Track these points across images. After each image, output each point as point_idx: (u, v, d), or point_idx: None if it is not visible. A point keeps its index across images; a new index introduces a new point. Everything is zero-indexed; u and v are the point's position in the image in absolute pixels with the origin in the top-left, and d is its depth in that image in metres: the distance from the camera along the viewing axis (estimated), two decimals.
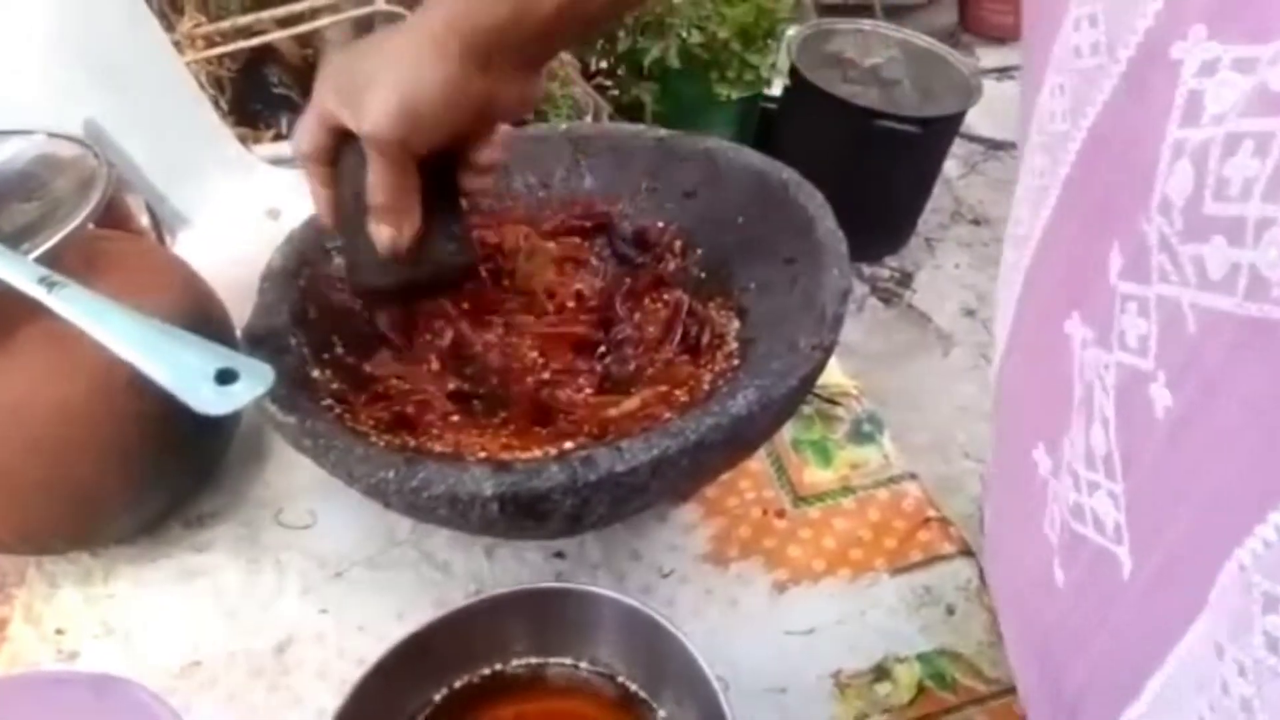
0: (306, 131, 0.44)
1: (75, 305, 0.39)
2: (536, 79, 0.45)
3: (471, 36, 0.41)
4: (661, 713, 0.39)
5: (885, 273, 2.14)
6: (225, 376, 0.37)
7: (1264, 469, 0.23)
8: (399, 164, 0.43)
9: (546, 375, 0.51)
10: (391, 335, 0.52)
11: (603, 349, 0.53)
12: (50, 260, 0.41)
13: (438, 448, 0.46)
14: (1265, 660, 0.23)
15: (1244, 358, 0.23)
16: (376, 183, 0.43)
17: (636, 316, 0.54)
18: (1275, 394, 0.22)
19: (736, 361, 0.50)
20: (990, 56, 2.83)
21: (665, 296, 0.55)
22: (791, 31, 1.99)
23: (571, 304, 0.56)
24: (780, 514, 0.55)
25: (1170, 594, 0.27)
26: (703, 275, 0.57)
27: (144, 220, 0.75)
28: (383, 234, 0.45)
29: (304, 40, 1.51)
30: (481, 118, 0.44)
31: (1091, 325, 0.31)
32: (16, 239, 0.43)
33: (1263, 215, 0.22)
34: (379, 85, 0.41)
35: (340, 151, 0.44)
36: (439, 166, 0.45)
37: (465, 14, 0.41)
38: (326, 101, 0.43)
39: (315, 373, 0.49)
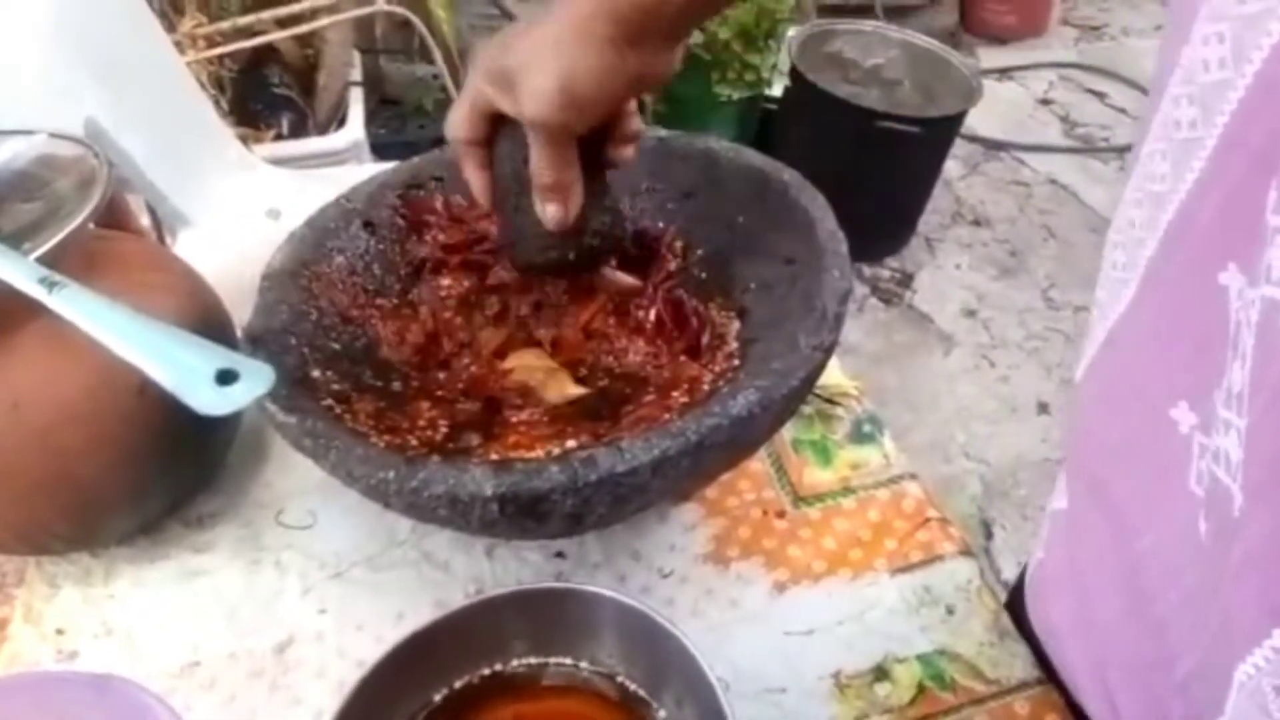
0: (463, 118, 0.47)
1: (76, 305, 0.39)
2: (678, 50, 0.47)
3: (620, 19, 0.43)
4: (661, 713, 0.39)
5: (886, 273, 2.14)
6: (226, 377, 0.37)
7: None
8: (562, 144, 0.45)
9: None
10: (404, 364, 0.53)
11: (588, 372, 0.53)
12: (51, 260, 0.41)
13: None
14: None
15: None
16: (542, 164, 0.45)
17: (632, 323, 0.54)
18: None
19: (737, 362, 0.50)
20: (991, 57, 2.83)
21: (667, 297, 0.55)
22: (792, 32, 2.00)
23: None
24: (780, 514, 0.55)
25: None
26: (703, 275, 0.57)
27: (144, 220, 0.75)
28: (550, 211, 0.47)
29: (304, 40, 1.51)
30: (631, 93, 0.46)
31: (1246, 271, 0.31)
32: (17, 239, 0.43)
33: None
34: (537, 71, 0.42)
35: (496, 135, 0.47)
36: (588, 141, 0.47)
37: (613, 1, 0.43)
38: (483, 89, 0.45)
39: (315, 373, 0.49)
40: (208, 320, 0.51)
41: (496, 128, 0.47)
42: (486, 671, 0.40)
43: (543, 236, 0.48)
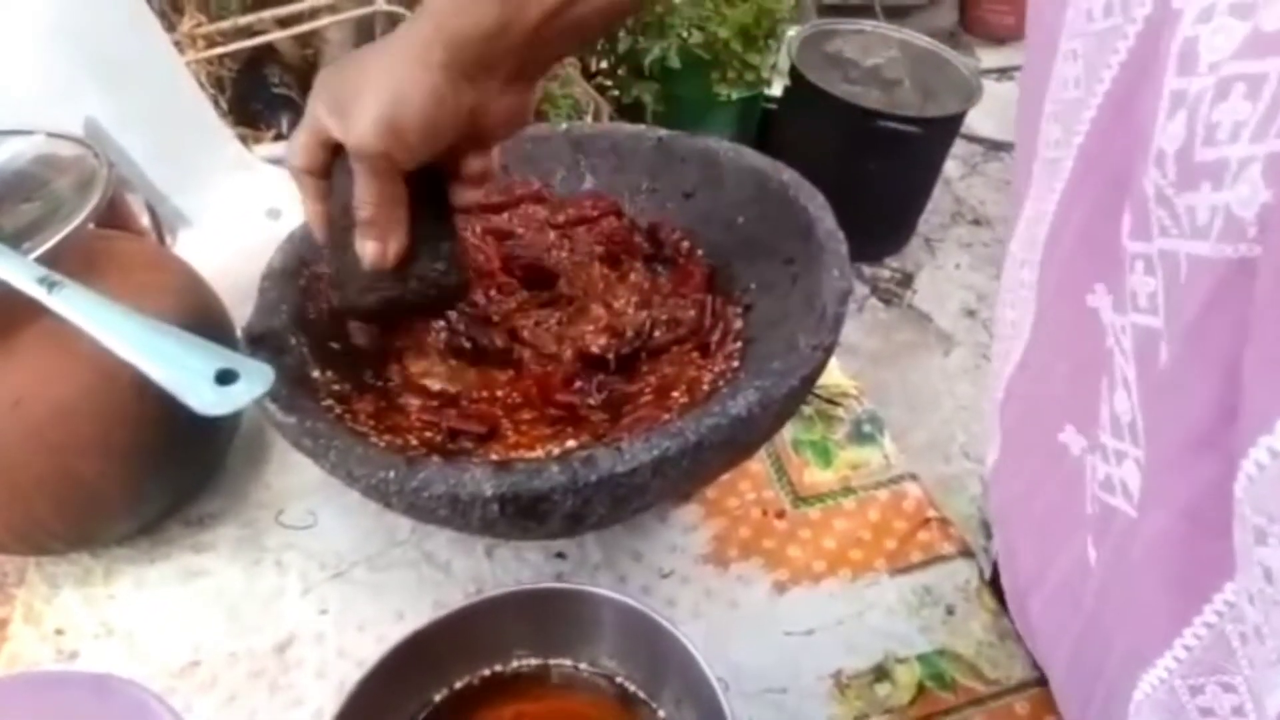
0: (300, 144, 0.43)
1: (75, 305, 0.39)
2: (529, 93, 0.44)
3: (456, 46, 0.40)
4: (661, 713, 0.39)
5: (886, 273, 2.14)
6: (225, 377, 0.37)
7: (1227, 412, 0.23)
8: (384, 177, 0.42)
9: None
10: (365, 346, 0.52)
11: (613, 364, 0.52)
12: (50, 260, 0.41)
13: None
14: (1265, 590, 0.24)
15: (1222, 301, 0.23)
16: (362, 196, 0.42)
17: (664, 316, 0.54)
18: (1242, 335, 0.22)
19: (737, 362, 0.50)
20: (990, 57, 2.83)
21: (691, 296, 0.55)
22: (792, 32, 2.00)
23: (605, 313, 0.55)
24: (780, 514, 0.55)
25: (1179, 549, 0.28)
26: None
27: (144, 220, 0.75)
28: (368, 249, 0.43)
29: (304, 40, 1.51)
30: (470, 131, 0.43)
31: (1113, 292, 0.30)
32: (17, 239, 0.43)
33: (1247, 155, 0.21)
34: (364, 96, 0.40)
35: (333, 165, 0.43)
36: (429, 181, 0.44)
37: (450, 23, 0.40)
38: (319, 113, 0.42)
39: (315, 373, 0.49)
40: (207, 320, 0.51)
41: (334, 157, 0.43)
42: (487, 672, 0.40)
43: (364, 277, 0.44)
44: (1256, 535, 0.23)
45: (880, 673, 0.48)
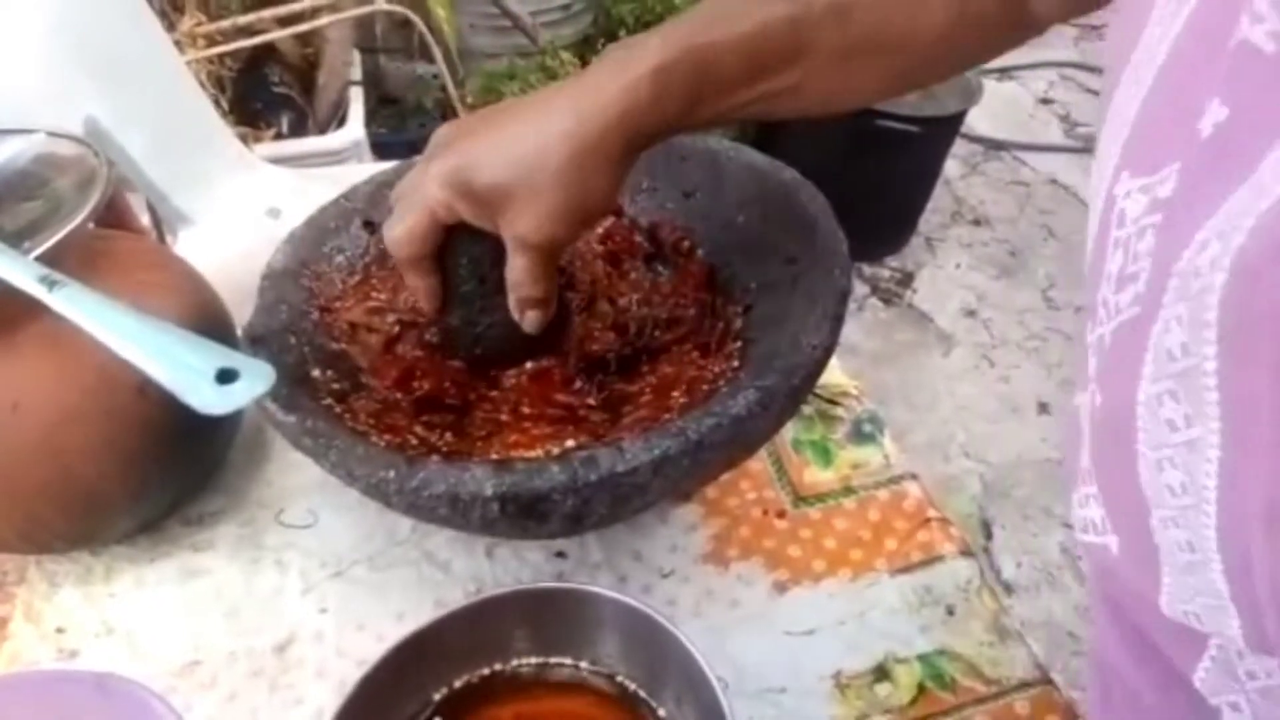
0: (419, 235, 0.44)
1: (76, 304, 0.39)
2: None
3: (635, 139, 0.41)
4: (661, 712, 0.39)
5: (886, 273, 2.14)
6: (226, 376, 0.37)
7: None
8: (552, 260, 0.45)
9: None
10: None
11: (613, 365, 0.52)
12: (51, 259, 0.41)
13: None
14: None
15: None
16: (530, 279, 0.45)
17: (664, 315, 0.54)
18: None
19: (737, 362, 0.50)
20: None
21: (692, 295, 0.55)
22: None
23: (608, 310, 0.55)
24: (781, 514, 0.55)
25: None
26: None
27: (144, 219, 0.75)
28: (532, 319, 0.47)
29: (304, 39, 1.51)
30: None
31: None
32: (17, 238, 0.43)
33: None
34: (546, 194, 0.41)
35: (455, 240, 0.45)
36: None
37: (635, 119, 0.41)
38: (451, 204, 0.42)
39: (316, 372, 0.49)
40: (208, 319, 0.51)
41: (451, 232, 0.45)
42: (487, 671, 0.40)
43: (510, 337, 0.48)
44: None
45: (880, 672, 0.48)
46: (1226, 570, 0.25)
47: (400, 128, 1.93)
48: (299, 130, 1.47)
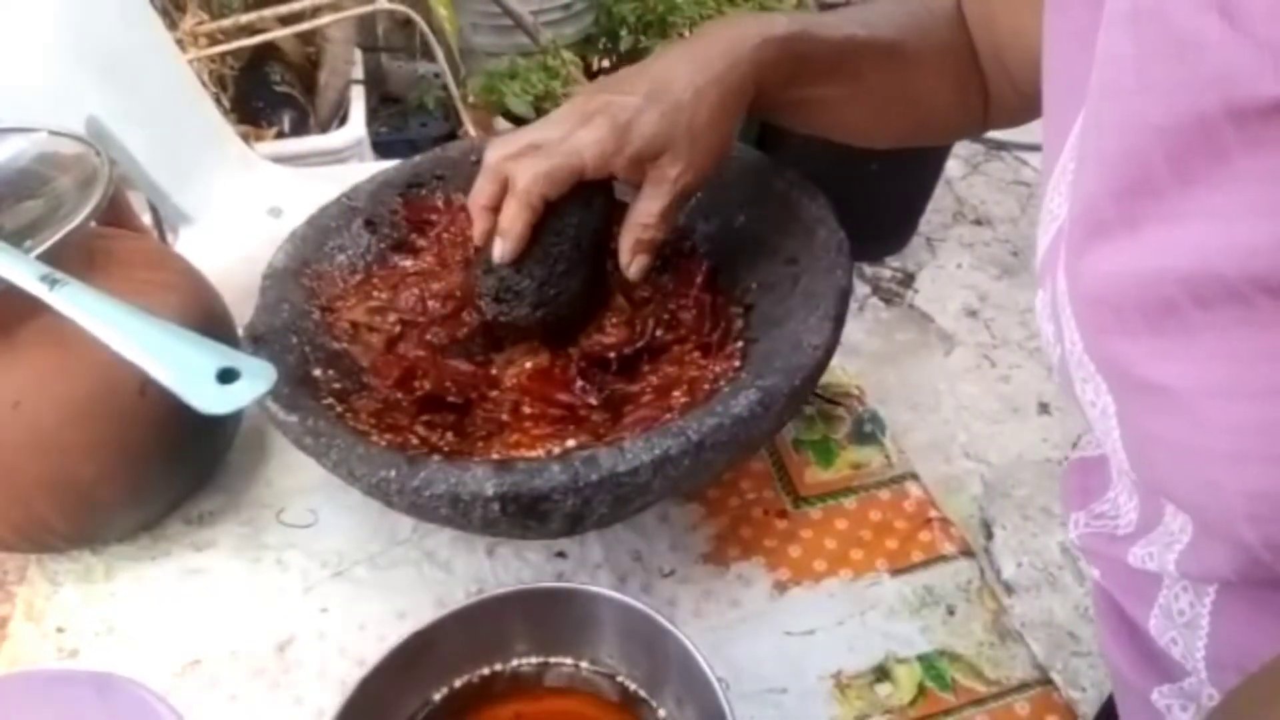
0: (558, 179, 0.45)
1: (77, 303, 0.39)
2: None
3: (757, 96, 0.46)
4: (662, 712, 0.39)
5: (887, 273, 2.14)
6: (227, 375, 0.37)
7: None
8: (682, 207, 0.49)
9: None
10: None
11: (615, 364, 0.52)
12: (52, 258, 0.41)
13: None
14: None
15: None
16: (662, 221, 0.48)
17: (666, 316, 0.54)
18: None
19: (738, 362, 0.50)
20: None
21: (693, 295, 0.55)
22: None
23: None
24: (781, 514, 0.55)
25: None
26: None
27: (146, 218, 0.75)
28: (640, 263, 0.49)
29: (306, 38, 1.51)
30: None
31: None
32: (18, 237, 0.43)
33: None
34: (699, 138, 0.45)
35: (572, 199, 0.47)
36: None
37: (761, 71, 0.46)
38: (610, 158, 0.45)
39: (317, 371, 0.49)
40: (209, 318, 0.51)
41: (576, 189, 0.47)
42: (487, 671, 0.40)
43: (577, 299, 0.50)
44: None
45: (881, 673, 0.48)
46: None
47: (402, 127, 1.93)
48: (300, 129, 1.47)
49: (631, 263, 0.49)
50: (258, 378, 0.37)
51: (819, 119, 0.52)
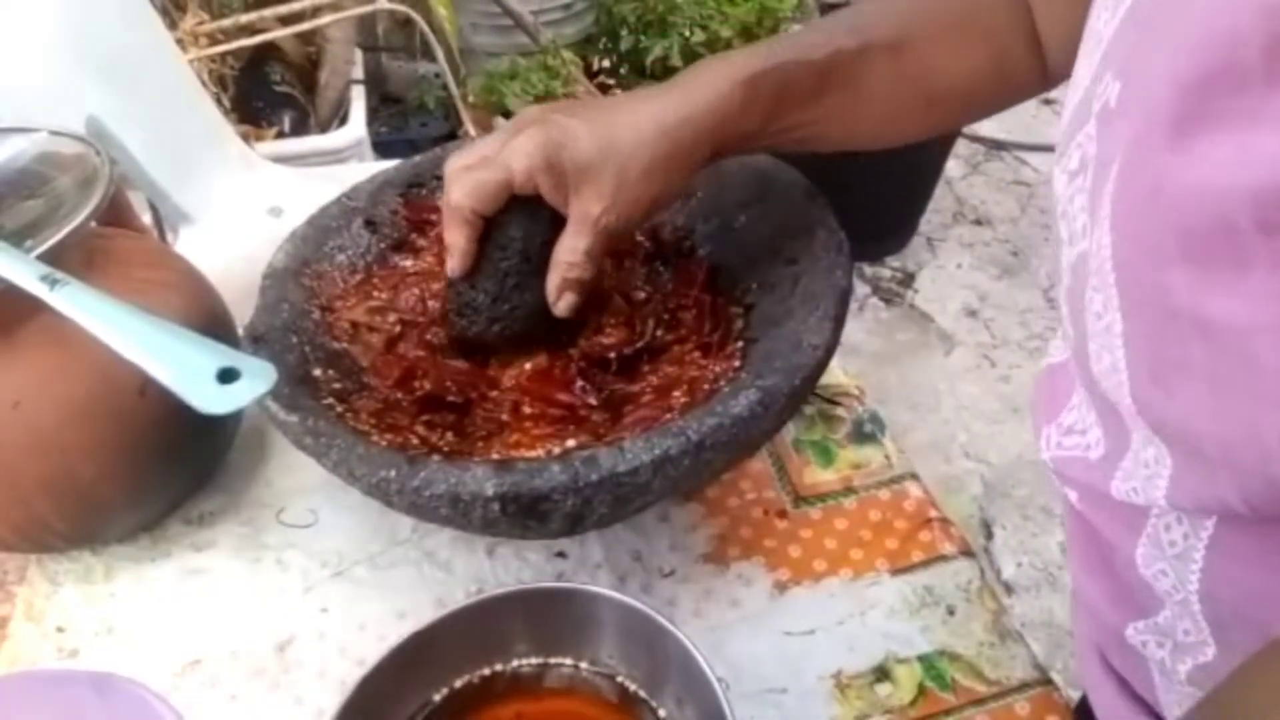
0: (490, 193, 0.45)
1: (77, 303, 0.39)
2: None
3: (722, 145, 0.44)
4: (662, 712, 0.39)
5: (887, 273, 2.14)
6: (227, 375, 0.37)
7: None
8: (609, 249, 0.47)
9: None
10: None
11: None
12: (52, 258, 0.41)
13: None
14: None
15: None
16: (585, 260, 0.46)
17: (665, 317, 0.54)
18: None
19: (738, 362, 0.50)
20: None
21: (693, 295, 0.55)
22: (794, 30, 1.99)
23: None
24: (781, 514, 0.55)
25: None
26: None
27: (146, 218, 0.75)
28: (567, 301, 0.47)
29: (306, 38, 1.51)
30: None
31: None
32: (19, 236, 0.43)
33: None
34: (629, 184, 0.43)
35: (512, 210, 0.46)
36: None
37: (723, 126, 0.44)
38: (535, 175, 0.44)
39: (317, 371, 0.49)
40: (209, 318, 0.51)
41: (511, 204, 0.46)
42: (487, 671, 0.40)
43: (533, 317, 0.48)
44: None
45: (881, 673, 0.48)
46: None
47: (402, 127, 1.93)
48: (300, 129, 1.48)
49: (559, 300, 0.47)
50: (258, 378, 0.37)
51: (824, 138, 0.49)
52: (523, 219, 0.47)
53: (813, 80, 0.45)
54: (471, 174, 0.45)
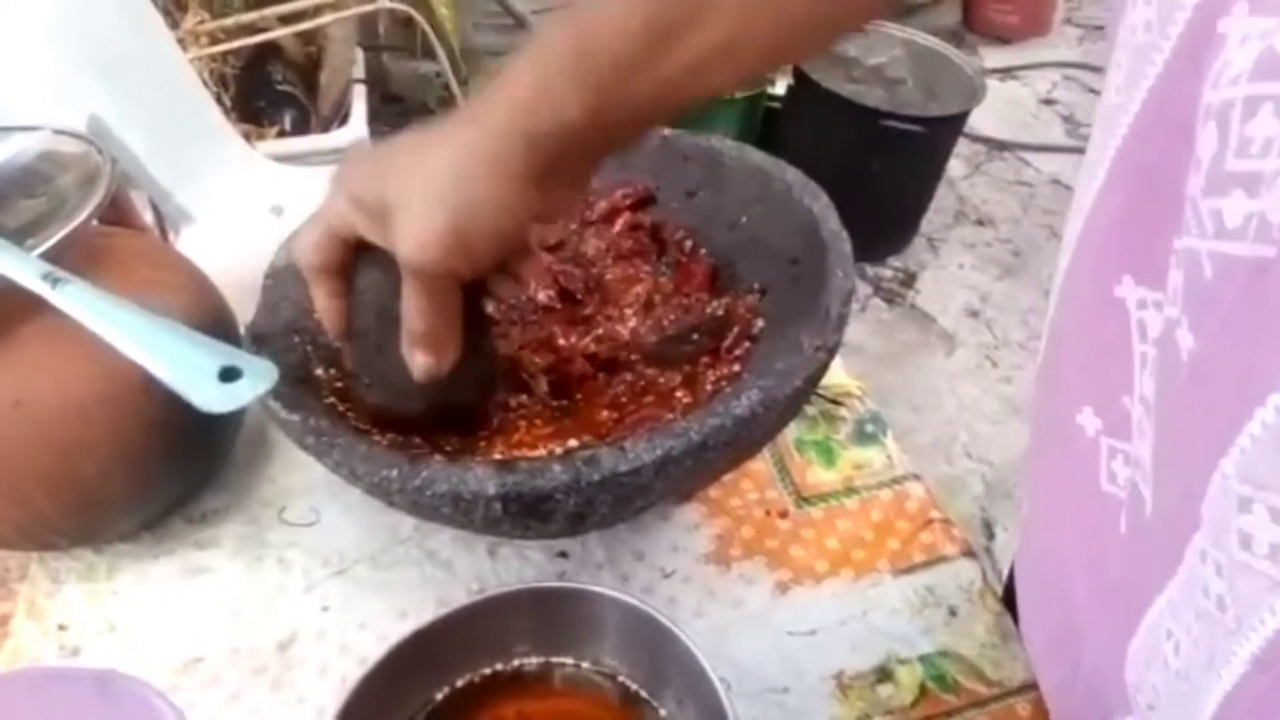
0: (317, 243, 0.40)
1: (79, 302, 0.39)
2: (587, 182, 0.42)
3: (535, 154, 0.36)
4: (663, 712, 0.39)
5: (889, 273, 2.14)
6: (229, 374, 0.37)
7: (1243, 385, 0.25)
8: (443, 292, 0.38)
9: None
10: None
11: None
12: (54, 257, 0.41)
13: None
14: (1237, 556, 0.26)
15: (1251, 292, 0.25)
16: (415, 310, 0.39)
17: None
18: (1265, 320, 0.25)
19: (739, 363, 0.50)
20: (994, 56, 2.83)
21: (696, 295, 0.55)
22: None
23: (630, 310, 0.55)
24: (783, 514, 0.55)
25: (1178, 521, 0.29)
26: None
27: (147, 217, 0.75)
28: (420, 362, 0.40)
29: (307, 37, 1.51)
30: (526, 234, 0.40)
31: (1147, 286, 0.32)
32: (20, 235, 0.43)
33: (1277, 169, 0.24)
34: (422, 206, 0.36)
35: (359, 260, 0.41)
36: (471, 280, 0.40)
37: (530, 128, 0.36)
38: (345, 214, 0.38)
39: (319, 370, 0.49)
40: (211, 317, 0.51)
41: (359, 253, 0.40)
42: (489, 670, 0.40)
43: (404, 384, 0.42)
44: (1240, 504, 0.25)
45: (882, 673, 0.48)
46: None
47: (403, 126, 1.92)
48: (302, 128, 1.48)
49: (410, 362, 0.41)
50: (259, 376, 0.37)
51: (721, 77, 0.39)
52: (371, 268, 0.40)
53: (636, 36, 0.37)
54: (303, 228, 0.41)
